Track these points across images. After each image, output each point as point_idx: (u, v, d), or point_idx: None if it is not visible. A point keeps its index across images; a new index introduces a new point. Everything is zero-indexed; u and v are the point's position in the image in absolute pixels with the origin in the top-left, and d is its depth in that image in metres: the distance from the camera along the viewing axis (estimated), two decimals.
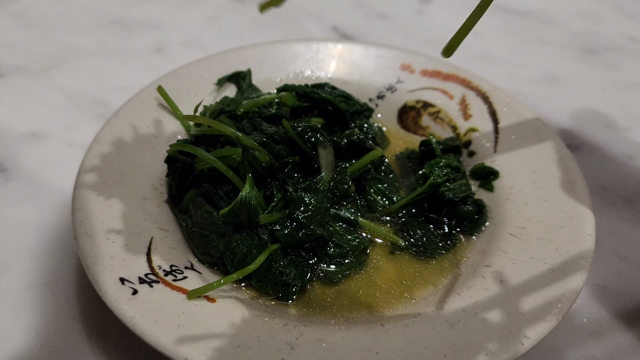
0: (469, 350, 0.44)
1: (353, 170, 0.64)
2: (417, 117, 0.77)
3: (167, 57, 0.99)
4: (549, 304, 0.47)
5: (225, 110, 0.69)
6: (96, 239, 0.50)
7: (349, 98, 0.73)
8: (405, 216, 0.64)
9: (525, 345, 0.44)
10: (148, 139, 0.65)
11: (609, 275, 0.63)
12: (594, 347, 0.55)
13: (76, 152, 0.76)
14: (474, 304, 0.49)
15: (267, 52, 0.80)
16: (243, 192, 0.55)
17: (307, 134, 0.62)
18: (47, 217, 0.66)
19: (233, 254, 0.55)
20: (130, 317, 0.44)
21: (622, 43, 1.11)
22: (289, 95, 0.71)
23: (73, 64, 0.95)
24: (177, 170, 0.61)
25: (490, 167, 0.67)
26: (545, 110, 0.90)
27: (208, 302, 0.49)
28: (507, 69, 1.02)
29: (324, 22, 1.12)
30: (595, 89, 0.97)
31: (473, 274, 0.54)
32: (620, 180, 0.76)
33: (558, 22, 1.17)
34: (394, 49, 0.81)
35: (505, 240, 0.57)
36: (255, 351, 0.44)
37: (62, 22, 1.07)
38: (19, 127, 0.80)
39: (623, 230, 0.69)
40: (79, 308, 0.56)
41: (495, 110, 0.72)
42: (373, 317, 0.52)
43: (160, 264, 0.51)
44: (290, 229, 0.56)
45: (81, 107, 0.85)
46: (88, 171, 0.57)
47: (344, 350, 0.45)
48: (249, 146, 0.57)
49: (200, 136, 0.64)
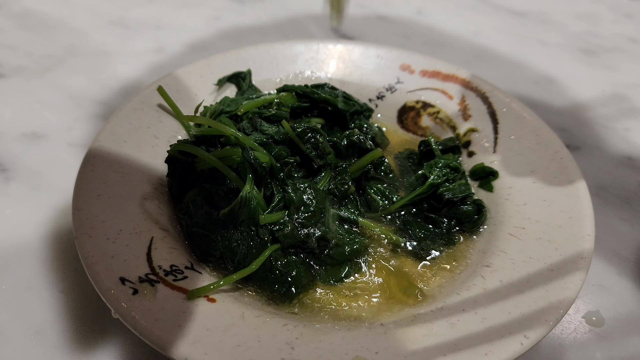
0: (469, 350, 0.44)
1: (353, 170, 0.64)
2: (416, 117, 0.77)
3: (167, 57, 0.99)
4: (549, 304, 0.47)
5: (226, 110, 0.69)
6: (96, 239, 0.50)
7: (349, 98, 0.73)
8: (404, 216, 0.64)
9: (524, 345, 0.44)
10: (148, 139, 0.65)
11: (608, 275, 0.63)
12: (593, 347, 0.56)
13: (76, 152, 0.76)
14: (473, 304, 0.49)
15: (267, 52, 0.80)
16: (243, 193, 0.55)
17: (306, 135, 0.62)
18: (47, 217, 0.66)
19: (233, 254, 0.55)
20: (131, 317, 0.44)
21: (620, 44, 1.11)
22: (289, 95, 0.71)
23: (74, 64, 0.95)
24: (178, 170, 0.61)
25: (489, 167, 0.67)
26: (545, 111, 0.90)
27: (208, 302, 0.49)
28: (506, 69, 1.02)
29: (323, 22, 1.12)
30: (594, 89, 0.97)
31: (473, 274, 0.54)
32: (620, 181, 0.77)
33: (557, 23, 1.18)
34: (394, 49, 0.81)
35: (504, 240, 0.57)
36: (255, 351, 0.44)
37: (62, 22, 1.07)
38: (19, 127, 0.80)
39: (622, 230, 0.69)
40: (79, 308, 0.56)
41: (494, 110, 0.72)
42: (373, 317, 0.53)
43: (161, 263, 0.51)
44: (291, 229, 0.56)
45: (81, 107, 0.85)
46: (88, 171, 0.57)
47: (343, 350, 0.45)
48: (249, 146, 0.57)
49: (200, 136, 0.64)
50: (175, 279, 0.50)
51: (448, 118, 0.75)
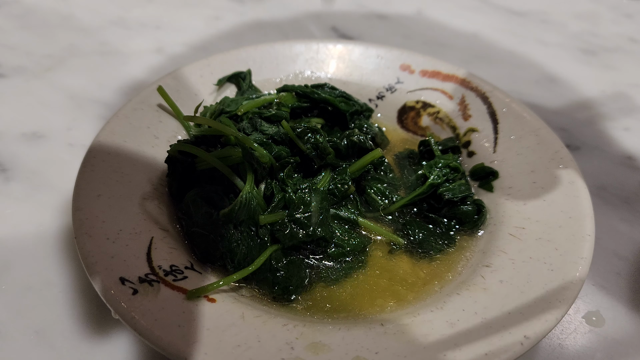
0: (469, 350, 0.44)
1: (353, 170, 0.64)
2: (416, 117, 0.77)
3: (167, 57, 0.99)
4: (548, 303, 0.47)
5: (226, 110, 0.69)
6: (96, 238, 0.50)
7: (349, 98, 0.73)
8: (404, 216, 0.64)
9: (524, 345, 0.44)
10: (148, 139, 0.65)
11: (608, 275, 0.63)
12: (593, 346, 0.56)
13: (76, 152, 0.76)
14: (473, 304, 0.49)
15: (267, 52, 0.80)
16: (243, 193, 0.55)
17: (306, 135, 0.62)
18: (47, 217, 0.66)
19: (233, 255, 0.55)
20: (131, 317, 0.44)
21: (620, 44, 1.11)
22: (289, 95, 0.71)
23: (74, 64, 0.95)
24: (178, 171, 0.61)
25: (489, 168, 0.67)
26: (544, 111, 0.90)
27: (208, 302, 0.49)
28: (506, 69, 1.02)
29: (323, 23, 1.12)
30: (594, 89, 0.97)
31: (473, 274, 0.54)
32: (620, 181, 0.77)
33: (557, 23, 1.18)
34: (394, 49, 0.81)
35: (504, 240, 0.57)
36: (255, 351, 0.44)
37: (62, 23, 1.07)
38: (19, 127, 0.80)
39: (622, 230, 0.69)
40: (79, 308, 0.56)
41: (494, 110, 0.72)
42: (373, 317, 0.53)
43: (161, 264, 0.51)
44: (291, 229, 0.56)
45: (81, 107, 0.85)
46: (88, 171, 0.57)
47: (343, 350, 0.45)
48: (249, 147, 0.57)
49: (200, 136, 0.64)
50: (175, 279, 0.50)
51: (448, 118, 0.75)
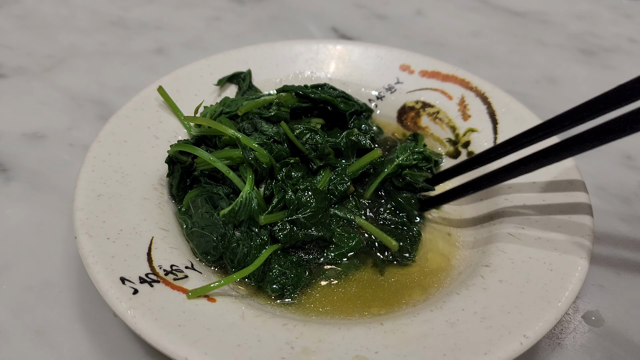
0: (469, 349, 0.44)
1: (352, 170, 0.64)
2: (416, 117, 0.78)
3: (167, 57, 0.99)
4: (548, 303, 0.47)
5: (226, 110, 0.69)
6: (97, 238, 0.50)
7: (349, 98, 0.73)
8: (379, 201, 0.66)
9: (524, 345, 0.44)
10: (148, 139, 0.65)
11: (607, 275, 0.63)
12: (593, 346, 0.56)
13: (77, 152, 0.76)
14: (473, 304, 0.49)
15: (267, 52, 0.80)
16: (244, 193, 0.55)
17: (305, 136, 0.62)
18: (48, 217, 0.66)
19: (233, 254, 0.55)
20: (131, 317, 0.44)
21: (620, 44, 1.11)
22: (289, 95, 0.71)
23: (74, 64, 0.96)
24: (178, 171, 0.61)
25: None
26: (544, 111, 0.90)
27: (208, 301, 0.49)
28: (505, 69, 1.02)
29: (323, 23, 1.13)
30: (593, 89, 0.97)
31: (472, 274, 0.54)
32: (619, 181, 0.77)
33: (556, 23, 1.18)
34: (394, 49, 0.81)
35: (504, 240, 0.57)
36: (255, 351, 0.44)
37: (63, 23, 1.07)
38: (20, 127, 0.80)
39: (622, 230, 0.69)
40: (79, 308, 0.56)
41: (494, 110, 0.72)
42: (372, 317, 0.53)
43: (161, 263, 0.51)
44: (290, 229, 0.56)
45: (82, 107, 0.85)
46: (89, 171, 0.57)
47: (343, 349, 0.45)
48: (249, 147, 0.57)
49: (200, 137, 0.64)
50: (175, 278, 0.50)
51: (447, 118, 0.75)
